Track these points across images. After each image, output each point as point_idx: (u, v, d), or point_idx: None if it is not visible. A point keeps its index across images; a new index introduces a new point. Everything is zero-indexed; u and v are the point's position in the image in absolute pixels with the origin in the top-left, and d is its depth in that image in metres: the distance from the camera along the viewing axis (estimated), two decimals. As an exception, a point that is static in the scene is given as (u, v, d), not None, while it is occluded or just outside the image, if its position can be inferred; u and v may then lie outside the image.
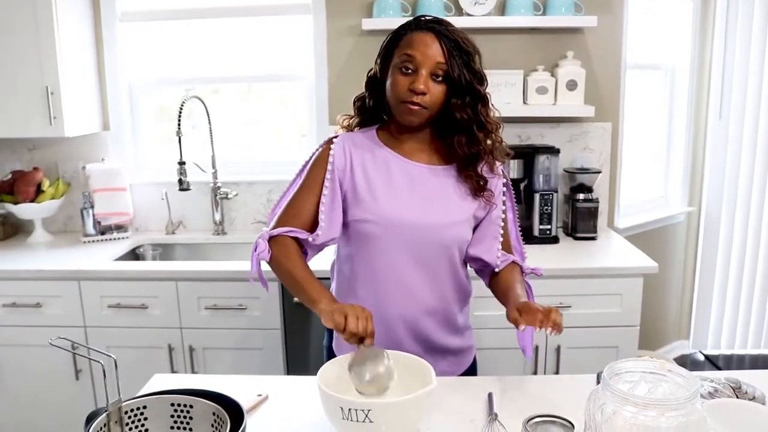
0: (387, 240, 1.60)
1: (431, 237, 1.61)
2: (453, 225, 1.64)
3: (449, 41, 1.53)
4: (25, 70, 2.80)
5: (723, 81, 3.61)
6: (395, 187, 1.62)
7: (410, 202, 1.61)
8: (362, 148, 1.66)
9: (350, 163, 1.64)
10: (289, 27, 3.19)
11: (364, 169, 1.64)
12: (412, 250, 1.61)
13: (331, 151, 1.64)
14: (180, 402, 1.24)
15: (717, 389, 1.36)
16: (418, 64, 1.52)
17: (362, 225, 1.61)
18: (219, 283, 2.65)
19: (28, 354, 2.73)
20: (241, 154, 3.35)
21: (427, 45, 1.53)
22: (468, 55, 1.55)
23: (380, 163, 1.64)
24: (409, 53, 1.53)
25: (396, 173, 1.63)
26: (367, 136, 1.69)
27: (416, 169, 1.64)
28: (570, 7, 2.92)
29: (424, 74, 1.52)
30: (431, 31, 1.54)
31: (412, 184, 1.63)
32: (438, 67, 1.53)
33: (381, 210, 1.60)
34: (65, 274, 2.68)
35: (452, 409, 1.42)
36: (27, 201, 3.06)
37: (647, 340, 3.54)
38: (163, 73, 3.30)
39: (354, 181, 1.63)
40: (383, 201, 1.60)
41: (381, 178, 1.62)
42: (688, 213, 3.83)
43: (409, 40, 1.55)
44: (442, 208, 1.63)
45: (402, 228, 1.59)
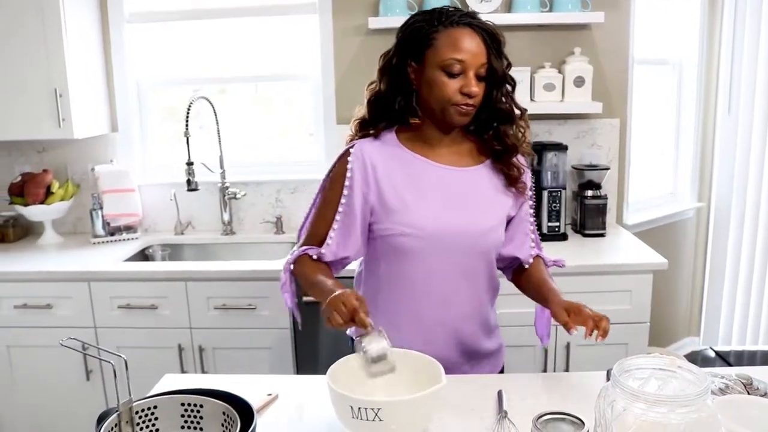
0: (424, 251, 1.54)
1: (470, 244, 1.57)
2: (491, 230, 1.59)
3: (487, 35, 1.50)
4: (33, 72, 2.82)
5: (731, 75, 3.59)
6: (428, 195, 1.55)
7: (446, 209, 1.55)
8: (385, 155, 1.58)
9: (373, 174, 1.56)
10: (296, 27, 3.19)
11: (391, 178, 1.56)
12: (450, 259, 1.56)
13: (348, 165, 1.57)
14: (190, 402, 1.25)
15: (728, 385, 1.35)
16: (467, 66, 1.47)
17: (396, 238, 1.55)
18: (228, 283, 2.66)
19: (39, 355, 2.74)
20: (249, 154, 3.36)
21: (472, 45, 1.48)
22: (500, 43, 1.53)
23: (409, 170, 1.57)
24: (456, 57, 1.47)
25: (427, 179, 1.56)
26: (388, 141, 1.60)
27: (448, 173, 1.58)
28: (577, 3, 2.91)
29: (472, 75, 1.48)
30: (469, 27, 1.49)
31: (445, 190, 1.56)
32: (482, 67, 1.49)
33: (416, 221, 1.53)
34: (75, 275, 2.69)
35: (462, 407, 1.42)
36: (37, 203, 3.08)
37: (657, 336, 3.53)
38: (171, 73, 3.32)
39: (381, 192, 1.55)
40: (417, 211, 1.54)
41: (411, 186, 1.55)
42: (698, 209, 3.82)
43: (450, 39, 1.48)
44: (479, 214, 1.58)
45: (440, 238, 1.54)
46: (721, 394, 1.31)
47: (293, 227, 3.25)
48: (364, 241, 1.61)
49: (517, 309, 1.98)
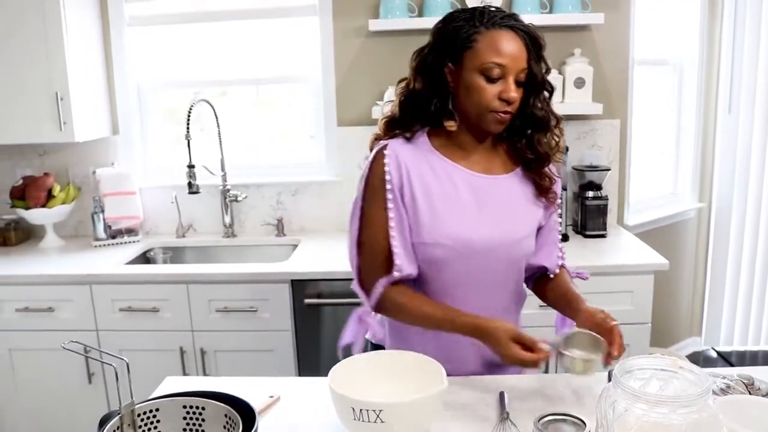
0: (454, 262, 1.49)
1: (502, 254, 1.52)
2: (523, 239, 1.54)
3: (528, 38, 1.43)
4: (34, 76, 2.82)
5: (732, 75, 3.59)
6: (463, 205, 1.49)
7: (479, 219, 1.49)
8: (418, 159, 1.50)
9: (408, 178, 1.48)
10: (296, 29, 3.19)
11: (424, 184, 1.49)
12: (481, 270, 1.51)
13: (386, 167, 1.49)
14: (192, 404, 1.25)
15: (729, 386, 1.35)
16: (507, 71, 1.41)
17: (426, 248, 1.49)
18: (230, 286, 2.66)
19: (41, 358, 2.75)
20: (250, 157, 3.37)
21: (513, 49, 1.41)
22: (540, 47, 1.46)
23: (442, 177, 1.50)
24: (497, 61, 1.40)
25: (462, 188, 1.50)
26: (420, 144, 1.53)
27: (481, 181, 1.51)
28: (577, 4, 2.91)
29: (511, 81, 1.42)
30: (511, 29, 1.42)
31: (479, 200, 1.50)
32: (522, 72, 1.43)
33: (449, 232, 1.47)
34: (77, 278, 2.70)
35: (464, 409, 1.42)
36: (38, 206, 3.08)
37: (659, 337, 3.53)
38: (172, 76, 3.32)
39: (414, 199, 1.48)
40: (451, 222, 1.48)
41: (445, 195, 1.49)
42: (699, 209, 3.82)
43: (492, 42, 1.41)
44: (512, 223, 1.52)
45: (472, 250, 1.48)
46: (722, 395, 1.31)
47: (294, 229, 3.25)
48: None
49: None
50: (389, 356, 1.43)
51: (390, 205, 1.48)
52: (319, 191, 3.23)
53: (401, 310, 1.51)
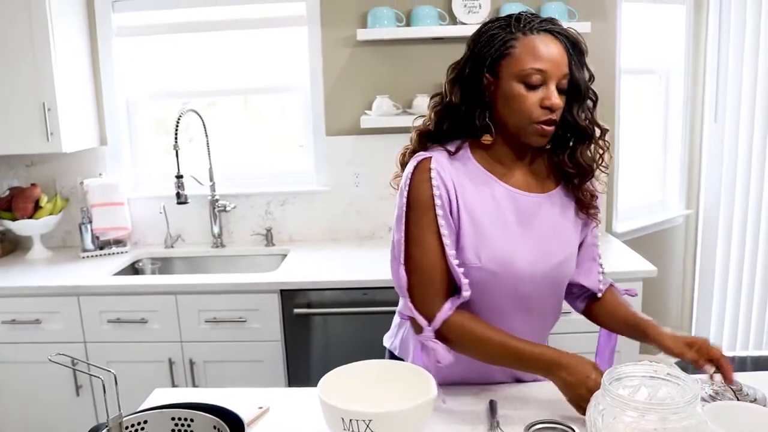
0: (496, 285, 1.41)
1: (544, 278, 1.44)
2: (565, 261, 1.47)
3: (569, 43, 1.36)
4: (21, 86, 2.81)
5: (717, 83, 3.62)
6: (507, 225, 1.41)
7: (523, 241, 1.41)
8: (462, 176, 1.41)
9: (455, 194, 1.40)
10: (284, 39, 3.20)
11: (467, 200, 1.40)
12: (523, 294, 1.44)
13: (434, 182, 1.38)
14: (180, 416, 1.24)
15: (718, 392, 1.36)
16: (548, 76, 1.33)
17: (469, 270, 1.40)
18: (219, 296, 2.65)
19: (28, 371, 2.72)
20: (239, 167, 3.36)
21: (554, 53, 1.33)
22: (583, 54, 1.39)
23: (485, 194, 1.41)
24: (537, 67, 1.32)
25: (505, 206, 1.41)
26: (462, 159, 1.43)
27: (525, 199, 1.43)
28: (564, 13, 2.93)
29: (553, 88, 1.33)
30: (550, 33, 1.35)
31: (522, 219, 1.42)
32: (564, 78, 1.35)
33: (494, 253, 1.39)
34: (64, 289, 2.68)
35: (454, 417, 1.42)
36: (25, 217, 3.06)
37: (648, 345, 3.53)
38: (160, 87, 3.31)
39: (459, 215, 1.40)
40: (496, 242, 1.40)
41: (488, 213, 1.40)
42: (686, 216, 3.84)
43: (531, 47, 1.33)
44: (555, 246, 1.45)
45: (515, 272, 1.40)
46: (711, 401, 1.32)
47: (283, 239, 3.25)
48: None
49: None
50: (379, 366, 1.43)
51: (442, 222, 1.38)
52: (308, 201, 3.23)
53: (472, 337, 1.39)
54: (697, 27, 3.62)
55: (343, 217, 3.21)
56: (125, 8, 3.16)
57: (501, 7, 2.96)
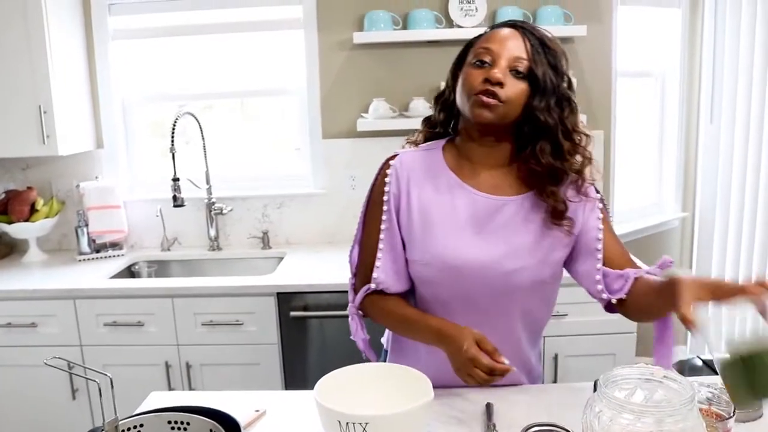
0: (446, 284, 1.44)
1: (497, 281, 1.42)
2: (523, 269, 1.42)
3: (533, 37, 1.39)
4: (17, 89, 2.81)
5: (713, 85, 3.63)
6: (459, 226, 1.43)
7: (474, 243, 1.42)
8: (423, 174, 1.47)
9: (407, 192, 1.45)
10: (281, 42, 3.20)
11: (423, 201, 1.45)
12: (475, 299, 1.44)
13: (387, 178, 1.47)
14: (177, 419, 1.24)
15: (714, 394, 1.36)
16: (496, 55, 1.36)
17: (417, 266, 1.46)
18: (215, 299, 2.65)
19: (24, 374, 2.71)
20: (235, 170, 3.36)
21: (507, 37, 1.37)
22: (554, 55, 1.40)
23: (443, 193, 1.45)
24: (485, 46, 1.37)
25: (462, 208, 1.43)
26: (431, 156, 1.49)
27: (487, 203, 1.43)
28: (560, 17, 2.94)
29: (502, 65, 1.35)
30: (512, 27, 1.40)
31: (479, 223, 1.43)
32: (518, 61, 1.36)
33: (438, 252, 1.42)
34: (60, 293, 2.67)
35: (450, 420, 1.42)
36: (21, 220, 3.06)
37: (645, 346, 3.53)
38: (157, 89, 3.31)
39: (410, 215, 1.45)
40: (443, 240, 1.42)
41: (443, 214, 1.43)
42: (682, 218, 3.84)
43: (487, 36, 1.41)
44: (509, 252, 1.41)
45: (462, 272, 1.41)
46: (708, 404, 1.32)
47: (280, 242, 3.25)
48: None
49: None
50: (376, 369, 1.43)
51: (384, 218, 1.47)
52: (305, 204, 3.23)
53: (381, 313, 1.51)
54: (692, 30, 3.63)
55: (340, 220, 3.21)
56: (121, 11, 3.16)
57: (497, 11, 2.97)
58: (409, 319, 1.46)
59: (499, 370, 1.27)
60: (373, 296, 1.51)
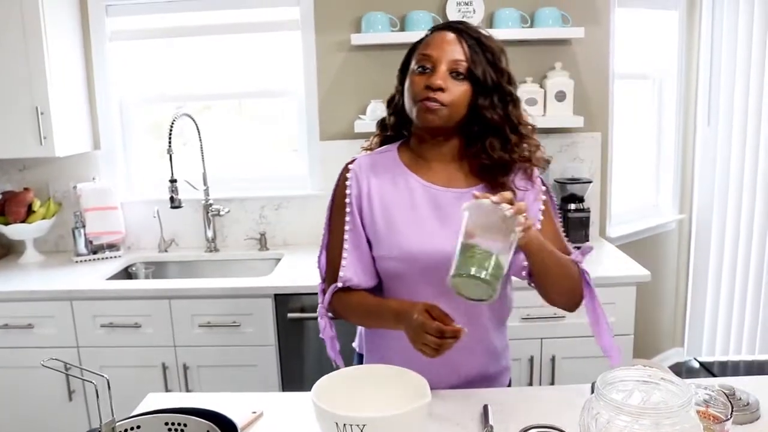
0: (412, 277, 1.49)
1: None
2: None
3: (470, 38, 1.44)
4: (14, 90, 2.80)
5: (710, 88, 3.64)
6: (420, 219, 1.49)
7: (437, 232, 1.47)
8: (381, 175, 1.53)
9: (368, 193, 1.52)
10: (279, 43, 3.20)
11: (384, 199, 1.51)
12: (441, 287, 1.39)
13: (348, 182, 1.54)
14: (174, 421, 1.24)
15: (712, 396, 1.36)
16: (435, 61, 1.42)
17: (385, 261, 1.51)
18: (212, 301, 2.64)
19: (20, 375, 2.71)
20: (233, 171, 3.36)
21: (444, 41, 1.43)
22: (492, 53, 1.46)
23: (403, 192, 1.51)
24: (425, 52, 1.44)
25: (421, 202, 1.50)
26: (387, 158, 1.56)
27: (444, 196, 1.50)
28: (557, 19, 2.95)
29: (442, 70, 1.41)
30: (449, 29, 1.46)
31: (439, 214, 1.49)
32: (457, 64, 1.42)
33: (402, 246, 1.47)
34: (57, 294, 2.67)
35: (448, 422, 1.42)
36: (18, 221, 3.05)
37: (642, 348, 3.55)
38: (154, 91, 3.31)
39: (373, 214, 1.51)
40: (406, 234, 1.48)
41: (403, 210, 1.50)
42: (680, 220, 3.85)
43: (427, 41, 1.47)
44: None
45: (429, 264, 1.46)
46: (705, 406, 1.32)
47: (277, 244, 3.24)
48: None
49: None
50: (373, 370, 1.43)
51: (348, 219, 1.53)
52: (302, 205, 3.22)
53: (350, 309, 1.55)
54: (689, 32, 3.63)
55: (338, 222, 3.20)
56: (119, 12, 3.16)
57: (494, 12, 2.97)
58: (372, 307, 1.51)
59: (449, 332, 1.31)
60: (340, 293, 1.54)
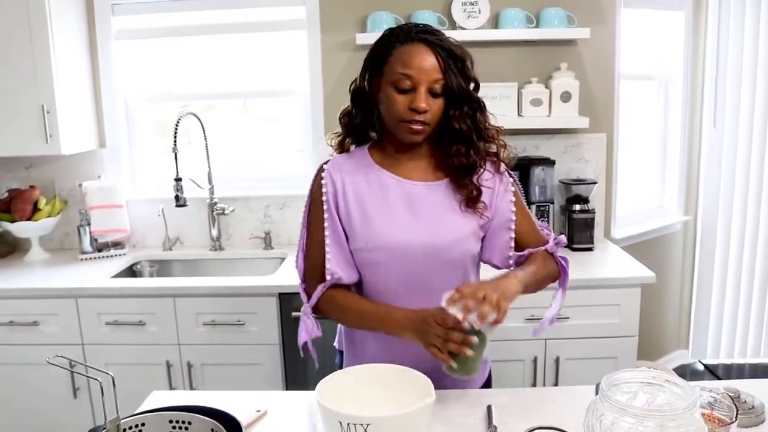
0: (391, 266, 1.54)
1: (438, 258, 1.54)
2: (458, 242, 1.55)
3: (443, 51, 1.47)
4: (21, 89, 2.81)
5: (716, 89, 3.63)
6: (394, 211, 1.55)
7: (412, 224, 1.53)
8: (354, 173, 1.59)
9: (343, 190, 1.57)
10: (284, 42, 3.20)
11: (358, 195, 1.57)
12: (418, 275, 1.54)
13: (323, 181, 1.59)
14: (178, 419, 1.24)
15: (716, 399, 1.36)
16: (416, 81, 1.45)
17: (363, 254, 1.56)
18: (217, 299, 2.65)
19: (25, 373, 2.72)
20: (238, 170, 3.36)
21: (423, 59, 1.45)
22: (462, 62, 1.50)
23: (375, 187, 1.57)
24: (405, 72, 1.46)
25: (393, 195, 1.56)
26: (359, 158, 1.62)
27: (415, 188, 1.57)
28: (563, 19, 2.94)
29: (422, 91, 1.46)
30: (424, 43, 1.47)
31: (411, 205, 1.55)
32: (436, 83, 1.46)
33: (378, 237, 1.53)
34: (62, 291, 2.68)
35: (451, 422, 1.42)
36: (24, 219, 3.06)
37: (646, 350, 3.54)
38: (159, 89, 3.32)
39: (348, 209, 1.56)
40: (381, 227, 1.53)
41: (377, 203, 1.56)
42: (685, 222, 3.84)
43: (402, 55, 1.47)
44: (445, 226, 1.54)
45: (405, 254, 1.52)
46: (709, 408, 1.32)
47: (282, 243, 3.25)
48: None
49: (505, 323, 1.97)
50: (377, 369, 1.43)
51: (326, 216, 1.58)
52: (307, 204, 3.22)
53: (342, 310, 1.59)
54: (696, 33, 3.62)
55: (342, 221, 3.20)
56: (125, 11, 3.16)
57: (500, 12, 2.97)
58: (369, 311, 1.54)
59: (451, 322, 1.36)
60: (330, 292, 1.58)
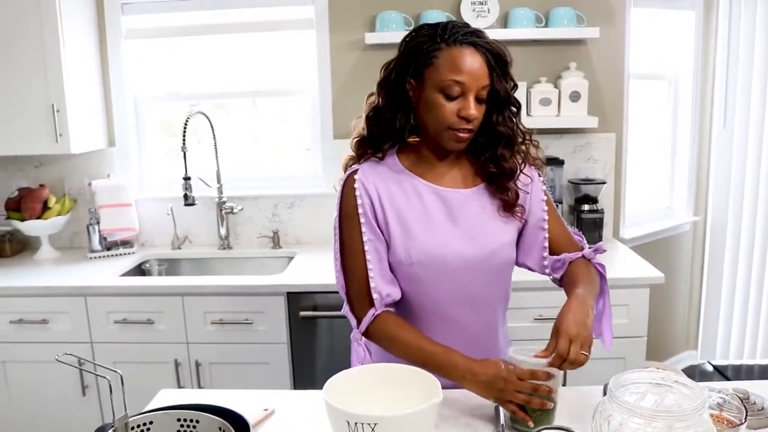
0: (432, 280, 1.49)
1: (481, 267, 1.50)
2: (501, 249, 1.52)
3: (491, 55, 1.41)
4: (31, 88, 2.83)
5: (726, 89, 3.61)
6: (434, 221, 1.49)
7: (453, 234, 1.49)
8: (388, 181, 1.51)
9: (379, 201, 1.49)
10: (293, 42, 3.21)
11: (395, 205, 1.49)
12: (461, 285, 1.50)
13: (357, 193, 1.50)
14: (186, 417, 1.24)
15: (725, 400, 1.35)
16: (466, 88, 1.39)
17: (404, 268, 1.50)
18: (225, 298, 2.65)
19: (35, 370, 2.73)
20: (246, 169, 3.37)
21: (474, 66, 1.38)
22: (506, 64, 1.44)
23: (411, 195, 1.50)
24: (456, 79, 1.38)
25: (431, 204, 1.50)
26: (389, 164, 1.53)
27: (452, 195, 1.51)
28: (572, 18, 2.93)
29: (471, 98, 1.40)
30: (473, 46, 1.40)
31: (451, 214, 1.50)
32: (484, 89, 1.41)
33: (421, 249, 1.47)
34: (72, 290, 2.69)
35: (459, 422, 1.42)
36: (33, 218, 3.08)
37: (655, 351, 3.52)
38: (169, 88, 3.33)
39: (387, 221, 1.49)
40: (422, 239, 1.48)
41: (415, 213, 1.49)
42: (694, 222, 3.82)
43: (452, 59, 1.39)
44: (487, 234, 1.50)
45: (449, 265, 1.48)
46: (718, 409, 1.31)
47: (290, 242, 3.25)
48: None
49: (512, 324, 1.97)
50: (385, 369, 1.43)
51: (364, 230, 1.49)
52: (315, 204, 3.23)
53: (394, 343, 1.49)
54: (706, 33, 3.61)
55: (350, 221, 3.21)
56: (134, 11, 3.18)
57: (509, 11, 2.96)
58: (427, 354, 1.44)
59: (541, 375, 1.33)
60: (382, 318, 1.50)
